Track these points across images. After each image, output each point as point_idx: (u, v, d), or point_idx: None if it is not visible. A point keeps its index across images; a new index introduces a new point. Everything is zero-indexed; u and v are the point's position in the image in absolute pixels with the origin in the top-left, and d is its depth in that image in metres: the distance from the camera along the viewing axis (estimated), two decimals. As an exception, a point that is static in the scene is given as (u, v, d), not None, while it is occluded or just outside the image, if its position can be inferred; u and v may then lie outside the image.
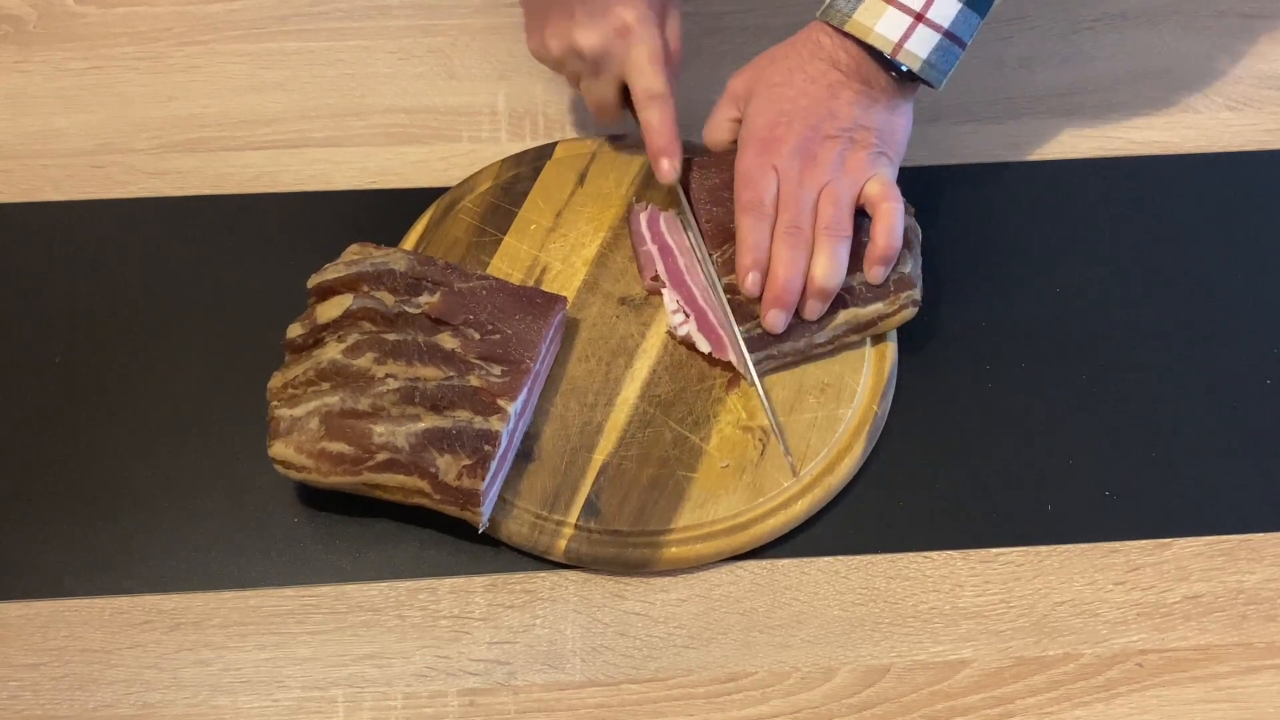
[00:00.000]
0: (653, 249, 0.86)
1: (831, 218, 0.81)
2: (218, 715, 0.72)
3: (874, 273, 0.82)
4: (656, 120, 0.85)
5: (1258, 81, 1.00)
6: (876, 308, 0.82)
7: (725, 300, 0.83)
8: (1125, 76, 1.00)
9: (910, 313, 0.83)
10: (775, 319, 0.81)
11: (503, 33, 1.01)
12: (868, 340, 0.84)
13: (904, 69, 0.82)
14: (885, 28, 0.81)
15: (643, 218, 0.88)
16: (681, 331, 0.83)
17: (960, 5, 0.81)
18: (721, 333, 0.83)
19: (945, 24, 0.81)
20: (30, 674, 0.73)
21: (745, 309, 0.82)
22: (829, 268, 0.81)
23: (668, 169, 0.86)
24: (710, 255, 0.85)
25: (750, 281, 0.81)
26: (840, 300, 0.82)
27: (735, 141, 0.86)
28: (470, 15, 1.02)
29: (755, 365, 0.81)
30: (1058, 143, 0.96)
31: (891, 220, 0.82)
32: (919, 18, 0.81)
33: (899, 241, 0.82)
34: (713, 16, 1.03)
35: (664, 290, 0.85)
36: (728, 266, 0.83)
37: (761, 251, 0.82)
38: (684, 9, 0.98)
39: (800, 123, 0.83)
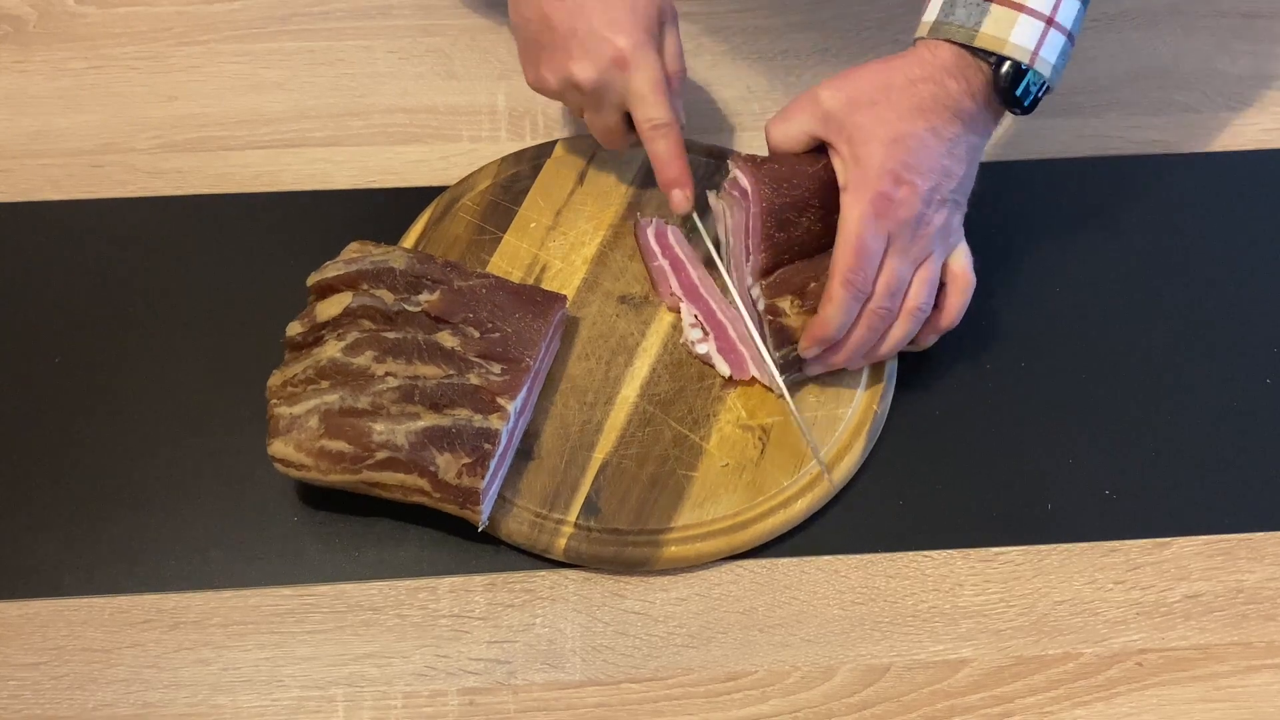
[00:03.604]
0: (664, 264, 0.86)
1: (922, 301, 0.79)
2: (217, 714, 0.72)
3: (927, 340, 0.81)
4: (663, 150, 0.83)
5: (1258, 81, 1.00)
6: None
7: (760, 319, 0.81)
8: (1125, 76, 1.00)
9: (934, 338, 0.83)
10: (817, 370, 0.81)
11: (503, 33, 1.01)
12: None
13: (1027, 103, 0.77)
14: (1020, 36, 0.75)
15: (650, 232, 0.87)
16: (700, 350, 0.82)
17: (1080, 3, 0.77)
18: (742, 349, 0.82)
19: (1069, 25, 0.77)
20: (30, 673, 0.73)
21: (785, 333, 0.80)
22: (900, 341, 0.80)
23: (681, 200, 0.84)
24: (753, 280, 0.81)
25: (813, 354, 0.79)
26: None
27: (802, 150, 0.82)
28: (470, 15, 1.02)
29: (784, 379, 0.81)
30: (1058, 143, 0.96)
31: (964, 300, 0.81)
32: (1049, 22, 0.75)
33: (961, 317, 0.81)
34: (712, 16, 1.03)
35: (681, 305, 0.84)
36: (773, 290, 0.80)
37: (841, 331, 0.78)
38: (683, 9, 0.98)
39: (923, 184, 0.77)
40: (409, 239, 0.88)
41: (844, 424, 0.81)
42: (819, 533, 0.79)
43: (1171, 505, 0.80)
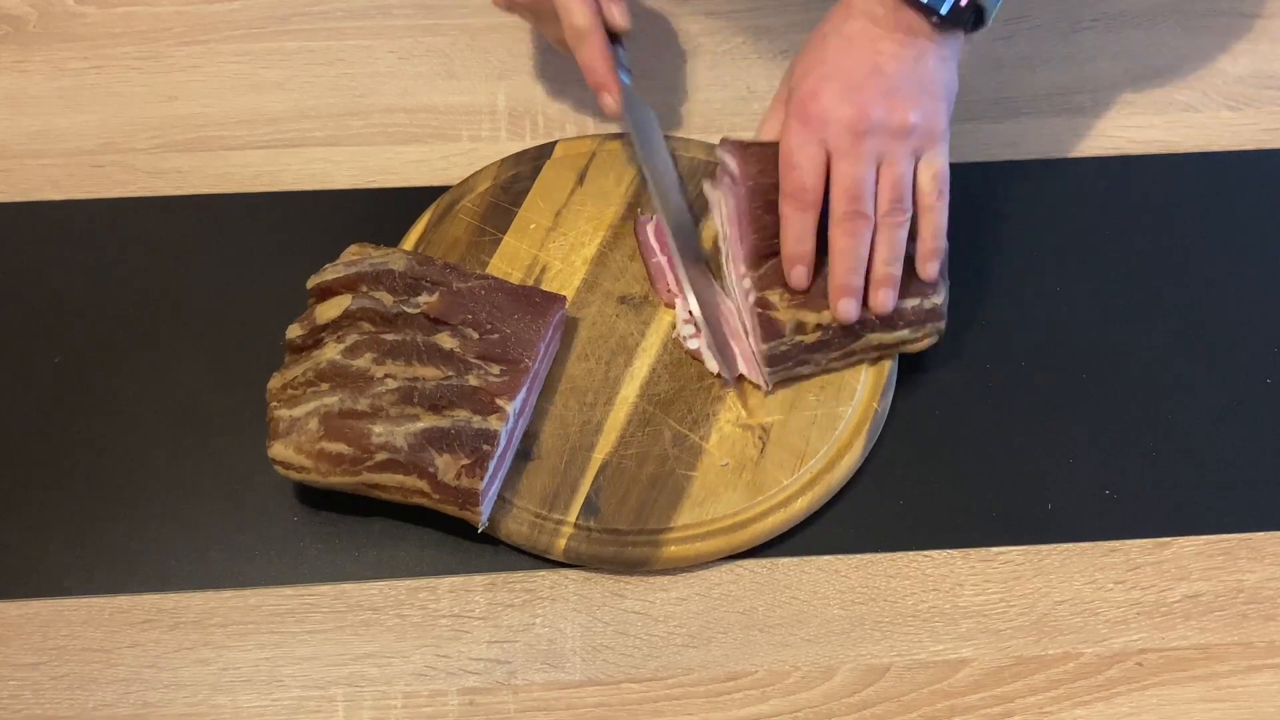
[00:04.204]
0: (662, 260, 0.86)
1: (891, 203, 0.78)
2: (217, 714, 0.72)
3: (929, 269, 0.80)
4: (585, 57, 0.87)
5: (1258, 81, 1.00)
6: (901, 334, 0.81)
7: (751, 313, 0.81)
8: (1125, 76, 1.00)
9: (933, 341, 0.82)
10: (847, 308, 0.78)
11: (503, 33, 1.01)
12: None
13: (944, 10, 0.78)
14: None
15: (649, 229, 0.87)
16: (691, 345, 0.82)
17: None
18: (733, 344, 0.82)
19: None
20: (30, 673, 0.73)
21: (774, 326, 0.79)
22: (890, 254, 0.78)
23: (610, 103, 0.88)
24: (745, 271, 0.81)
25: (796, 276, 0.79)
26: (867, 324, 0.80)
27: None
28: (470, 15, 1.02)
29: (770, 375, 0.81)
30: (1058, 143, 0.96)
31: (938, 222, 0.79)
32: None
33: (944, 238, 0.80)
34: (712, 16, 1.03)
35: (676, 300, 0.84)
36: (764, 282, 0.80)
37: (805, 245, 0.78)
38: (683, 9, 0.98)
39: (842, 82, 0.78)
40: (409, 242, 0.88)
41: (844, 422, 0.81)
42: (819, 533, 0.79)
43: (1171, 505, 0.80)
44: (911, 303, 0.80)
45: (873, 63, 0.79)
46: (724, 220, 0.86)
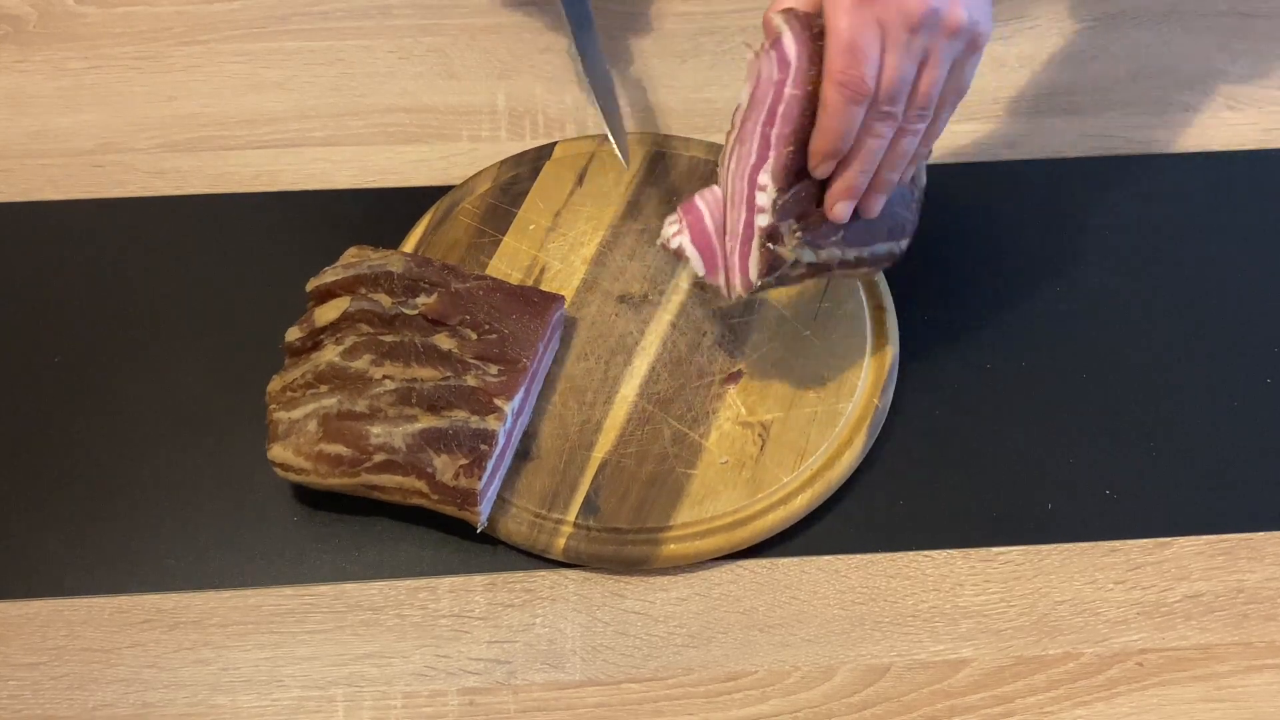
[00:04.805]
0: (714, 236, 0.78)
1: (919, 109, 0.71)
2: (217, 714, 0.72)
3: (919, 156, 0.73)
4: None
5: (1258, 81, 1.00)
6: (864, 271, 0.77)
7: (757, 237, 0.73)
8: (1125, 76, 1.00)
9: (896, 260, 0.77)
10: (844, 210, 0.73)
11: (503, 33, 1.01)
12: (869, 334, 0.84)
13: None
14: None
15: (703, 204, 0.78)
16: (674, 244, 0.78)
17: None
18: (716, 244, 0.76)
19: None
20: (30, 673, 0.73)
21: (774, 260, 0.73)
22: (897, 161, 0.73)
23: None
24: (767, 185, 0.72)
25: (824, 169, 0.72)
26: (843, 264, 0.75)
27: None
28: (470, 15, 1.02)
29: (747, 291, 0.75)
30: (1058, 143, 0.96)
31: (936, 131, 0.73)
32: None
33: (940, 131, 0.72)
34: (713, 16, 1.03)
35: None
36: (783, 210, 0.72)
37: (848, 141, 0.71)
38: (683, 9, 0.98)
39: None
40: (408, 244, 0.88)
41: (845, 418, 0.81)
42: (819, 532, 0.78)
43: (1171, 505, 0.80)
44: (884, 246, 0.76)
45: None
46: (756, 106, 0.73)
